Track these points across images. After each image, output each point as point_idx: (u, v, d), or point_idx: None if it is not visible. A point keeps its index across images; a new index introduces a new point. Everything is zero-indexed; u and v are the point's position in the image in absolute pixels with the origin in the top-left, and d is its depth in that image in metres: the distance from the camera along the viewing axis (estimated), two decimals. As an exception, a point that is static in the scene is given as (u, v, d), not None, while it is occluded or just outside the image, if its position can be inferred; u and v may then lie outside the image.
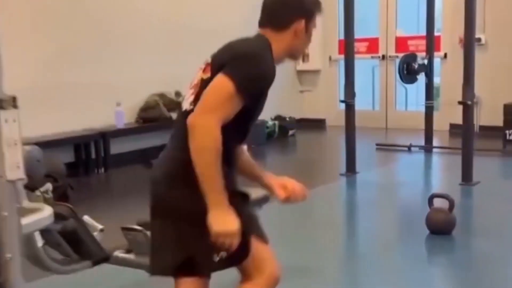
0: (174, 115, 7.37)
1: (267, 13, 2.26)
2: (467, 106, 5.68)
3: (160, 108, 7.42)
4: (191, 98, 2.21)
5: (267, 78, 2.16)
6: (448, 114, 8.65)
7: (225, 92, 2.07)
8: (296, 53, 2.36)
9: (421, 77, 7.49)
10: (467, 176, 5.78)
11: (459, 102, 5.76)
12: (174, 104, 7.59)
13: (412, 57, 7.39)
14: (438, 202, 4.44)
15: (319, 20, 2.32)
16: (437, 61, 8.36)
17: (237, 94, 2.07)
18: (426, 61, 7.38)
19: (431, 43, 7.45)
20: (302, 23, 2.24)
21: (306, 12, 2.25)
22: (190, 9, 8.15)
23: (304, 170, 7.10)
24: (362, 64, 9.74)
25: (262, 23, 2.27)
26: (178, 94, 7.73)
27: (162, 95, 7.61)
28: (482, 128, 8.70)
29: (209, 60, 2.25)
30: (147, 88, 7.63)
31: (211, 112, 2.05)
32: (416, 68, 7.25)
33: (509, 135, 7.87)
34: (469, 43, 5.62)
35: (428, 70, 7.39)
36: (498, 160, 7.08)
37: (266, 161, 7.95)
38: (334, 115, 9.98)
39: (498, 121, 8.01)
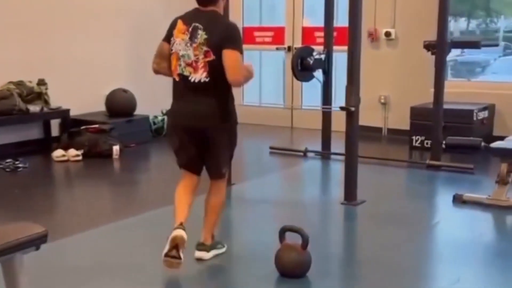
0: (33, 108, 6.34)
1: None
2: (350, 112, 4.82)
3: (14, 98, 6.35)
4: (204, 74, 3.45)
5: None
6: (355, 114, 7.84)
7: (239, 59, 3.44)
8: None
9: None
10: (350, 194, 4.94)
11: (341, 108, 4.90)
12: (34, 94, 6.55)
13: (307, 50, 6.48)
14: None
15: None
16: (343, 56, 7.50)
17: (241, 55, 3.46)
18: (323, 56, 6.48)
19: (330, 35, 6.56)
20: None
21: None
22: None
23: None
24: (271, 55, 8.91)
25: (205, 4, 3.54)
26: (42, 82, 6.69)
27: (20, 84, 6.54)
28: (391, 131, 7.95)
29: (204, 47, 3.42)
30: (3, 75, 6.56)
31: (240, 69, 3.47)
32: (311, 63, 6.34)
33: (416, 141, 7.11)
34: (353, 37, 4.75)
35: (326, 66, 6.51)
36: (397, 172, 6.23)
37: (147, 161, 7.00)
38: (238, 110, 9.12)
39: (407, 124, 7.26)
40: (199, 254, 3.71)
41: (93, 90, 7.46)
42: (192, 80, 3.49)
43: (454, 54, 7.86)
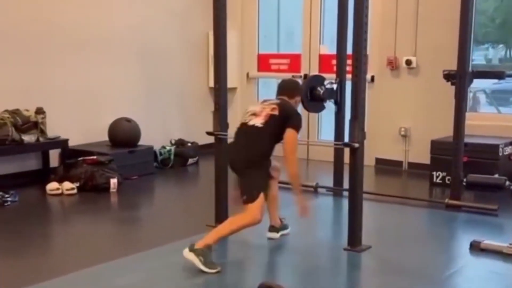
0: (28, 138, 6.03)
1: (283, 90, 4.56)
2: (354, 149, 4.36)
3: (7, 128, 6.05)
4: (262, 120, 4.20)
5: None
6: (374, 146, 7.38)
7: (296, 137, 4.25)
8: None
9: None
10: (353, 239, 4.47)
11: (345, 145, 4.46)
12: (31, 123, 6.26)
13: (318, 79, 6.02)
14: None
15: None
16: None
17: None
18: (335, 86, 6.04)
19: (343, 64, 6.13)
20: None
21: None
22: (59, 14, 6.82)
23: (183, 212, 5.78)
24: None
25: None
26: (40, 111, 6.39)
27: (15, 112, 6.25)
28: (411, 165, 7.45)
29: (275, 106, 4.28)
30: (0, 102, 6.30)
31: (294, 147, 4.25)
32: (321, 93, 5.88)
33: (436, 177, 6.59)
34: (358, 66, 4.31)
35: (337, 96, 6.06)
36: (413, 212, 5.72)
37: (146, 195, 6.61)
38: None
39: (428, 158, 6.77)
40: (270, 234, 4.70)
41: (95, 120, 7.15)
42: (254, 124, 4.25)
43: (491, 82, 7.38)
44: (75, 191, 6.11)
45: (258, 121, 4.19)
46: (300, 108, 4.87)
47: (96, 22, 7.13)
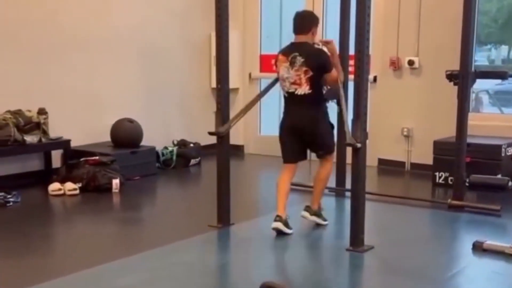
0: (30, 138, 6.03)
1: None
2: (356, 149, 4.35)
3: (9, 128, 6.05)
4: (308, 86, 4.70)
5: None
6: (376, 147, 7.38)
7: (334, 74, 4.77)
8: None
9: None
10: (356, 239, 4.46)
11: (347, 144, 4.45)
12: (33, 124, 6.26)
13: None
14: None
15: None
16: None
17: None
18: (337, 86, 6.00)
19: (345, 64, 6.08)
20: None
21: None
22: (61, 15, 6.82)
23: (185, 212, 5.78)
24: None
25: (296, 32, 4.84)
26: (42, 112, 6.40)
27: (17, 113, 6.25)
28: (414, 166, 7.43)
29: (304, 67, 4.68)
30: (2, 103, 6.29)
31: (337, 78, 4.77)
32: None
33: (439, 177, 6.57)
34: (360, 66, 4.30)
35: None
36: (416, 213, 5.70)
37: (148, 195, 6.60)
38: (254, 141, 8.75)
39: (431, 158, 6.75)
40: (303, 213, 5.02)
41: (97, 120, 7.15)
42: (302, 93, 4.74)
43: (494, 83, 7.37)
44: (77, 191, 6.11)
45: (305, 89, 4.72)
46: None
47: (98, 23, 7.13)
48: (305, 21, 4.84)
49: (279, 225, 4.72)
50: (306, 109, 4.77)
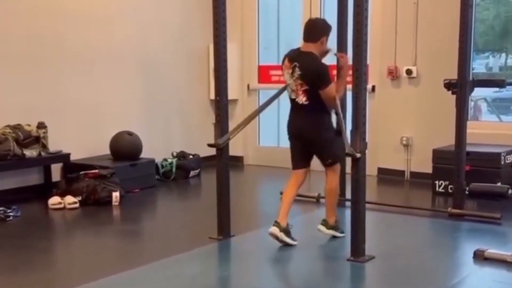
0: (29, 152, 6.03)
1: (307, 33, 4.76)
2: (356, 159, 4.35)
3: (9, 143, 6.05)
4: (305, 98, 4.68)
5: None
6: (376, 156, 7.39)
7: (331, 91, 4.64)
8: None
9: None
10: (356, 249, 4.45)
11: (346, 154, 4.45)
12: (32, 138, 6.26)
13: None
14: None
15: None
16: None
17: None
18: (336, 96, 6.02)
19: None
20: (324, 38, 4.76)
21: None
22: (60, 30, 6.84)
23: (186, 225, 5.76)
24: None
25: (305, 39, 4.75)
26: (41, 126, 6.40)
27: (17, 127, 6.26)
28: (414, 174, 7.43)
29: (299, 80, 4.66)
30: (2, 118, 6.30)
31: (334, 98, 4.64)
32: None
33: (439, 186, 6.58)
34: (358, 77, 4.31)
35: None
36: (416, 222, 5.70)
37: (149, 208, 6.59)
38: (253, 152, 8.76)
39: (431, 167, 6.76)
40: (320, 226, 4.97)
41: (97, 133, 7.16)
42: (300, 103, 4.72)
43: (492, 90, 7.39)
44: (77, 205, 6.11)
45: (302, 99, 4.69)
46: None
47: (96, 36, 7.15)
48: (315, 29, 4.75)
49: (275, 230, 4.68)
50: (304, 117, 4.75)
